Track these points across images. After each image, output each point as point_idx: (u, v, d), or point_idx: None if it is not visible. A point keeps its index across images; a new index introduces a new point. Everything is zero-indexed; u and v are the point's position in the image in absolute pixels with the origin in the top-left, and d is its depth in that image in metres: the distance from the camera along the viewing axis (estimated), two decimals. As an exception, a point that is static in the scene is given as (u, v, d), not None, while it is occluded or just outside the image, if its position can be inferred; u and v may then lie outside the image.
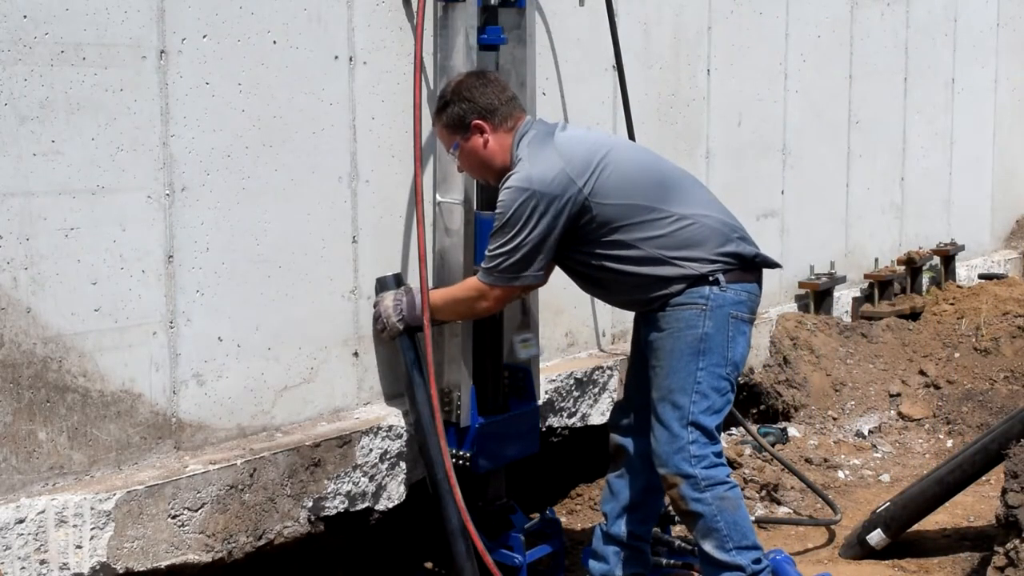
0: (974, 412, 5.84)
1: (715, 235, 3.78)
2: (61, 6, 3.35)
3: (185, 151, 3.66)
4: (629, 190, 3.73)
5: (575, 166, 3.68)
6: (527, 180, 3.65)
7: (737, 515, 3.71)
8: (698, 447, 3.70)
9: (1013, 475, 3.94)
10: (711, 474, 3.70)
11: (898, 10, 6.98)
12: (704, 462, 3.70)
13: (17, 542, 3.27)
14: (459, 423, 4.13)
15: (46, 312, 3.38)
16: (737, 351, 3.78)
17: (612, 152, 3.77)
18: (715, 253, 3.76)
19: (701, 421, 3.71)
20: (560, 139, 3.76)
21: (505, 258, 3.69)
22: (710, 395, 3.72)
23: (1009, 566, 3.83)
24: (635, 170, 3.79)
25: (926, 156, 7.36)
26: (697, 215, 3.78)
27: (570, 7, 4.81)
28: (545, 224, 3.64)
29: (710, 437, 3.72)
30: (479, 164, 3.87)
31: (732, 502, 3.71)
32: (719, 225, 3.82)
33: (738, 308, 3.77)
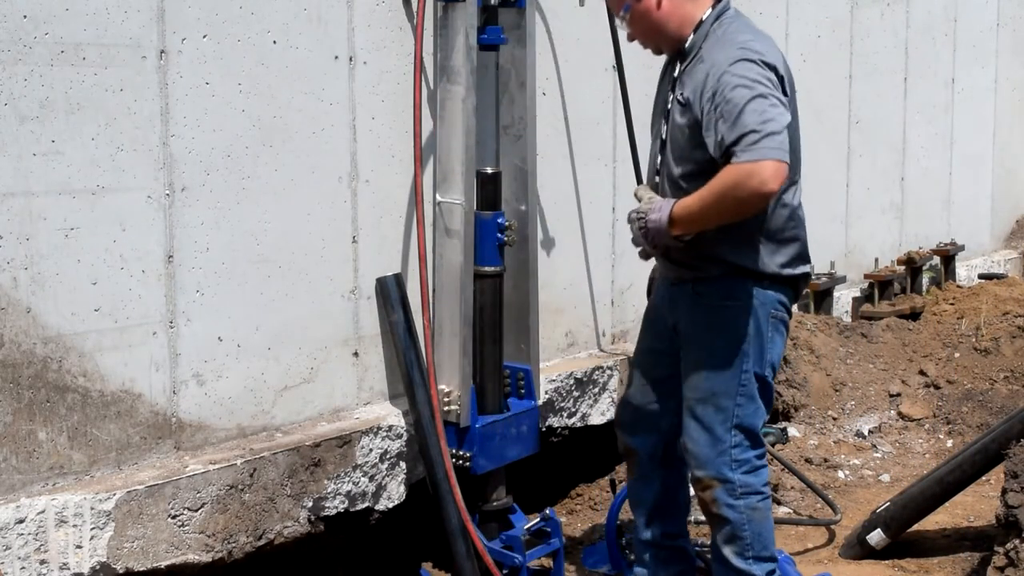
0: (974, 412, 5.84)
1: (801, 243, 3.65)
2: (61, 6, 3.35)
3: (185, 151, 3.66)
4: (795, 137, 3.52)
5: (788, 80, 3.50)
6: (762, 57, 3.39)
7: (764, 526, 3.61)
8: (741, 451, 3.56)
9: (1013, 475, 3.94)
10: (749, 481, 3.57)
11: (898, 10, 6.98)
12: (744, 467, 3.56)
13: (17, 542, 3.27)
14: (459, 423, 4.13)
15: (46, 312, 3.38)
16: (775, 352, 3.62)
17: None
18: (789, 259, 3.60)
19: (747, 424, 3.56)
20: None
21: (772, 125, 3.27)
22: (756, 397, 3.57)
23: (1009, 566, 3.83)
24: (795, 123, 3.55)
25: (926, 156, 7.36)
26: (800, 207, 3.66)
27: (570, 7, 4.81)
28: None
29: (754, 441, 3.58)
30: (650, 29, 3.58)
31: (762, 513, 3.60)
32: (805, 234, 3.69)
33: (778, 308, 3.60)
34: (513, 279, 4.36)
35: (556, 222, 4.94)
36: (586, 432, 5.07)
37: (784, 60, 3.57)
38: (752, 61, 3.38)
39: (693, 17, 3.58)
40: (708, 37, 3.54)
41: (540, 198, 4.72)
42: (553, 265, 4.92)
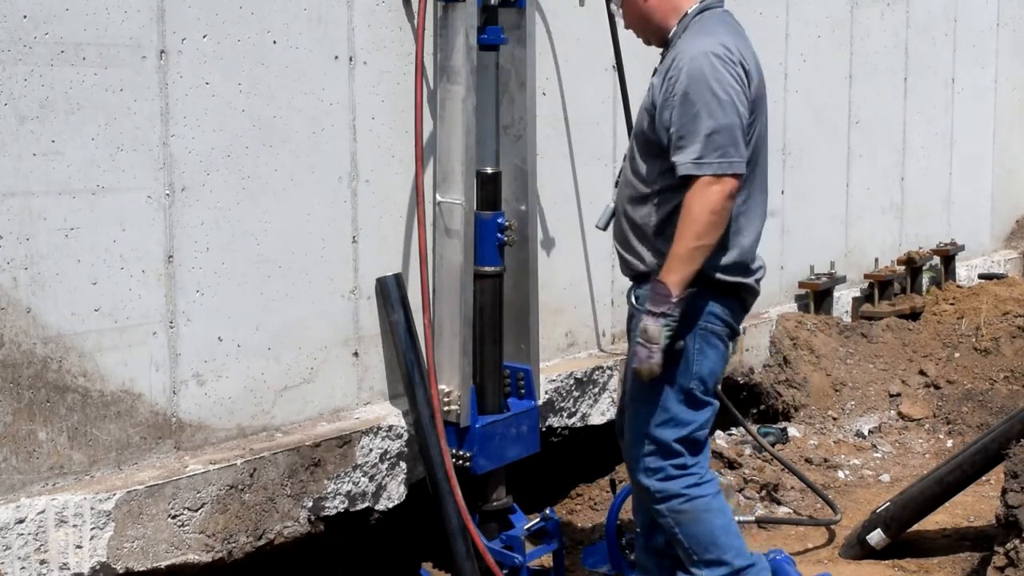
0: (974, 412, 5.84)
1: (740, 249, 3.50)
2: (61, 6, 3.35)
3: (185, 151, 3.66)
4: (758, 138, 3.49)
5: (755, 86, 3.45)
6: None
7: (697, 528, 3.52)
8: (653, 459, 3.52)
9: (1013, 475, 3.94)
10: (664, 487, 3.51)
11: (898, 10, 6.98)
12: (658, 475, 3.52)
13: (17, 542, 3.27)
14: (459, 423, 4.13)
15: (46, 312, 3.38)
16: (705, 365, 3.47)
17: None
18: (727, 264, 3.47)
19: (655, 435, 3.50)
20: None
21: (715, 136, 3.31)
22: (670, 409, 3.48)
23: (1009, 566, 3.82)
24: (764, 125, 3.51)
25: (926, 156, 7.36)
26: (745, 213, 3.51)
27: (570, 7, 4.81)
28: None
29: (665, 452, 3.50)
30: (639, 18, 3.60)
31: (690, 515, 3.50)
32: (756, 240, 3.57)
33: (711, 319, 3.47)
34: (513, 279, 4.36)
35: (556, 222, 4.94)
36: (586, 432, 5.07)
37: (756, 62, 3.52)
38: (717, 56, 3.37)
39: (679, 9, 3.55)
40: (688, 29, 3.51)
41: (540, 198, 4.72)
42: (553, 265, 4.92)
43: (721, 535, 3.54)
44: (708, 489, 3.56)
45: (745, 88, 3.39)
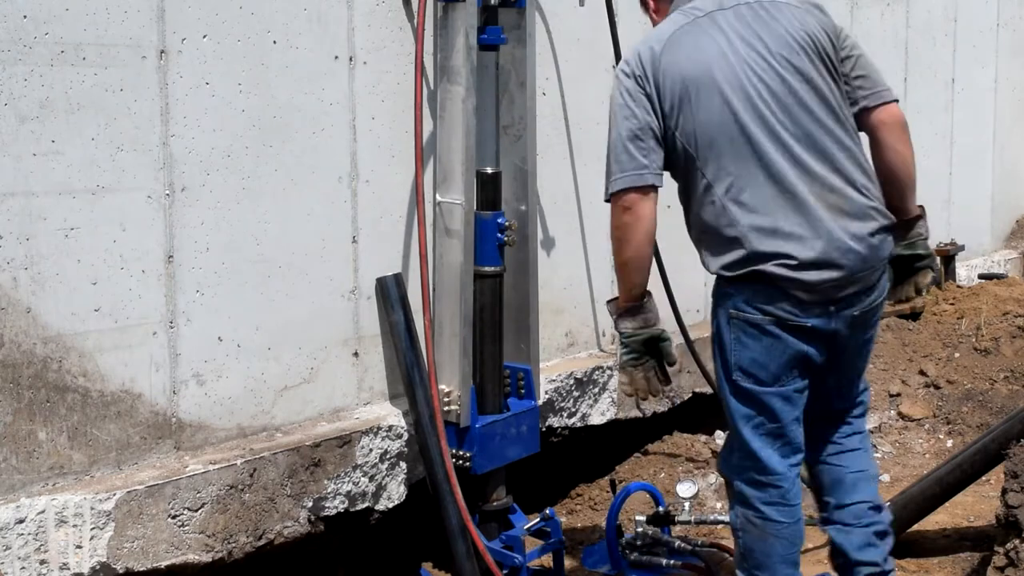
0: (974, 412, 5.84)
1: (767, 233, 3.38)
2: (61, 6, 3.35)
3: (185, 151, 3.66)
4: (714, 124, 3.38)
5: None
6: None
7: (757, 545, 3.45)
8: (738, 458, 3.46)
9: (1013, 475, 3.94)
10: (743, 490, 3.46)
11: (898, 10, 6.98)
12: (743, 475, 3.46)
13: (17, 542, 3.27)
14: (459, 423, 4.13)
15: (46, 312, 3.38)
16: (743, 356, 3.36)
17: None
18: (733, 260, 3.38)
19: (734, 426, 3.44)
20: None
21: (614, 153, 3.37)
22: (728, 402, 3.42)
23: (1009, 566, 3.82)
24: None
25: (926, 156, 7.34)
26: (737, 203, 3.40)
27: (570, 7, 4.81)
28: None
29: (743, 446, 3.43)
30: None
31: (756, 533, 3.45)
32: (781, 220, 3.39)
33: (740, 308, 3.35)
34: (513, 279, 4.36)
35: (556, 222, 4.94)
36: (586, 432, 5.07)
37: (665, 55, 3.34)
38: (614, 84, 3.39)
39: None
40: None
41: (540, 198, 4.72)
42: (553, 265, 4.92)
43: (777, 563, 3.49)
44: (789, 516, 3.47)
45: (642, 90, 3.33)
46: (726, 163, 3.31)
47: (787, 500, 3.48)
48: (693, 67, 3.33)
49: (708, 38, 3.35)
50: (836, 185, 3.32)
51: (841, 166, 3.33)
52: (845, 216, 3.31)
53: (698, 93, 3.31)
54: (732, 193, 3.31)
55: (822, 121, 3.34)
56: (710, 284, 5.42)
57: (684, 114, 3.32)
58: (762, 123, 3.30)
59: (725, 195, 3.32)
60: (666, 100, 3.32)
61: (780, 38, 3.35)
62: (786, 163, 3.30)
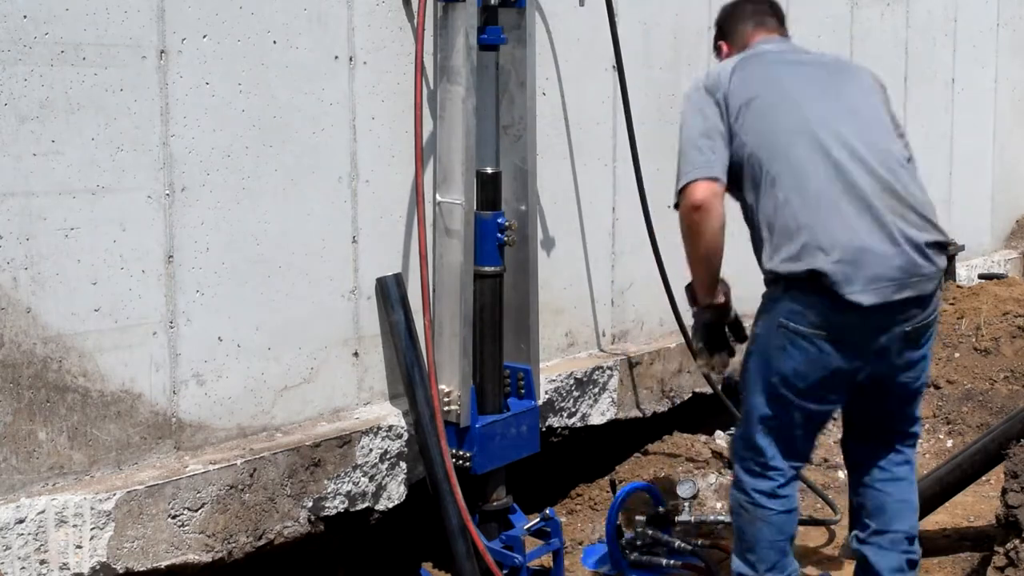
0: (974, 412, 5.84)
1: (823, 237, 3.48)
2: (61, 6, 3.35)
3: (185, 151, 3.66)
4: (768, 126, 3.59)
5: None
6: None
7: (747, 528, 3.60)
8: (743, 447, 3.62)
9: (1013, 475, 3.94)
10: (742, 478, 3.61)
11: (898, 10, 6.98)
12: (744, 462, 3.60)
13: (17, 542, 3.27)
14: (459, 423, 4.13)
15: (46, 312, 3.38)
16: (785, 364, 3.44)
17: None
18: (790, 255, 3.47)
19: (745, 420, 3.61)
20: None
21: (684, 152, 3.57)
22: (751, 400, 3.56)
23: (1009, 566, 3.82)
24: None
25: (926, 156, 7.33)
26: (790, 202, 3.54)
27: (570, 7, 4.81)
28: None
29: (748, 441, 3.57)
30: None
31: (748, 517, 3.60)
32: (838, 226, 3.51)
33: (789, 317, 3.43)
34: (513, 279, 4.37)
35: (556, 222, 4.94)
36: (586, 432, 5.07)
37: (738, 72, 3.60)
38: (687, 93, 3.65)
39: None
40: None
41: (540, 198, 4.72)
42: (553, 265, 4.92)
43: (765, 547, 3.60)
44: (779, 505, 3.59)
45: (712, 95, 3.55)
46: (794, 160, 3.44)
47: (778, 493, 3.60)
48: (764, 76, 3.61)
49: (780, 64, 3.68)
50: (899, 192, 3.47)
51: (903, 178, 3.51)
52: (905, 221, 3.44)
53: (769, 96, 3.54)
54: (795, 189, 3.43)
55: (886, 138, 3.57)
56: (710, 284, 5.31)
57: (754, 114, 3.50)
58: (830, 128, 3.48)
59: (790, 191, 3.43)
60: (735, 104, 3.51)
61: (850, 75, 3.72)
62: (852, 165, 3.44)
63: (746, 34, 3.85)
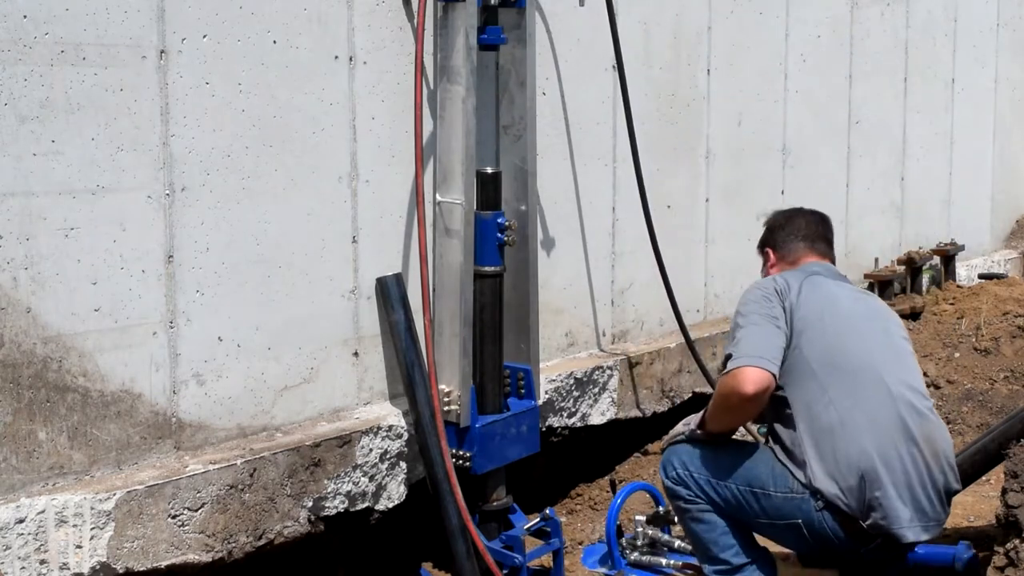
0: (974, 412, 5.84)
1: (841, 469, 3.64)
2: (61, 6, 3.35)
3: (185, 151, 3.66)
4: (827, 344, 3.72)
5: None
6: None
7: (695, 535, 3.73)
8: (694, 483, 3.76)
9: (1013, 475, 3.94)
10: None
11: (898, 10, 6.98)
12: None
13: (17, 542, 3.27)
14: (459, 423, 4.13)
15: (46, 312, 3.38)
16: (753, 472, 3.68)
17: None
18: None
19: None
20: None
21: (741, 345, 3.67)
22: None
23: (1009, 566, 3.82)
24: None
25: (926, 156, 7.36)
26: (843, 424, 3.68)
27: (570, 7, 4.81)
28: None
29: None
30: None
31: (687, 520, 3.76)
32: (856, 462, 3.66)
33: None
34: (513, 279, 4.37)
35: (556, 222, 4.94)
36: (586, 432, 5.07)
37: (806, 286, 3.72)
38: (753, 288, 3.76)
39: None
40: None
41: (540, 198, 4.72)
42: (553, 265, 4.92)
43: (720, 535, 3.67)
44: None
45: (778, 301, 3.66)
46: (843, 384, 3.59)
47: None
48: (826, 300, 3.71)
49: (839, 292, 3.78)
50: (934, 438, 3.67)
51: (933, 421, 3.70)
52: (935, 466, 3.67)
53: (834, 323, 3.66)
54: (820, 415, 3.58)
55: (914, 374, 3.76)
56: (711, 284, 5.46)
57: (818, 333, 3.62)
58: (876, 360, 3.64)
59: (840, 409, 3.57)
60: (800, 315, 3.63)
61: (887, 317, 3.92)
62: (897, 398, 3.61)
63: (798, 251, 3.95)
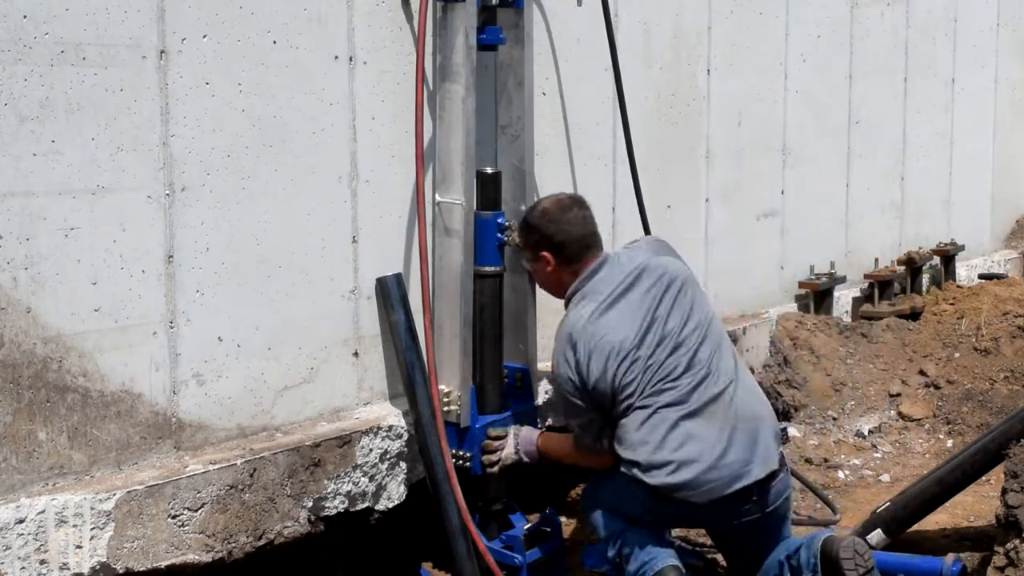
0: (974, 412, 5.84)
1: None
2: (61, 6, 3.35)
3: (185, 151, 3.66)
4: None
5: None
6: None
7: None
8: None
9: (1013, 475, 3.94)
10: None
11: (898, 10, 6.98)
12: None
13: (17, 542, 3.27)
14: (459, 423, 4.13)
15: (46, 312, 3.38)
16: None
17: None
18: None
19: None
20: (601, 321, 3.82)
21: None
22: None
23: (1009, 566, 3.82)
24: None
25: (926, 156, 7.35)
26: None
27: (570, 7, 4.81)
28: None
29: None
30: (542, 281, 4.12)
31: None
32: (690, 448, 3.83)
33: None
34: (512, 279, 4.36)
35: (556, 222, 4.93)
36: (586, 432, 5.06)
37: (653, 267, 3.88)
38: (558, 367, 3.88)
39: (566, 287, 4.00)
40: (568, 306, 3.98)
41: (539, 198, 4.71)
42: (553, 265, 4.91)
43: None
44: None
45: (578, 378, 3.80)
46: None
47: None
48: (636, 302, 3.85)
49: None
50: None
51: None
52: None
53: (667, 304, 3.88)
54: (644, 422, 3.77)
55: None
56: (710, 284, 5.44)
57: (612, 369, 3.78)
58: (671, 352, 3.82)
59: (637, 425, 3.77)
60: (586, 377, 3.82)
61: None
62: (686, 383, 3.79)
63: (582, 258, 3.98)
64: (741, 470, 3.69)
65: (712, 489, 3.67)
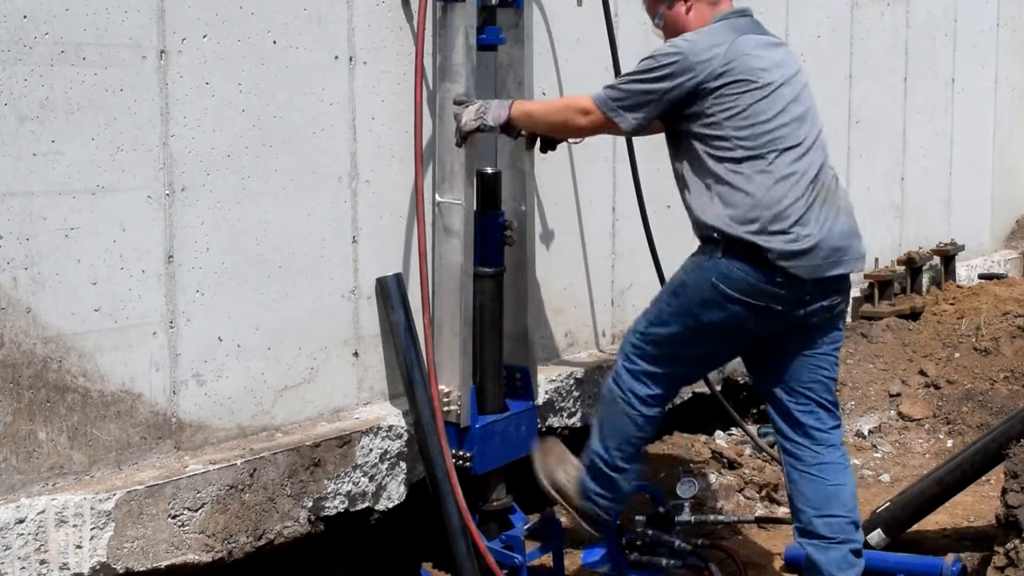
0: (974, 412, 5.84)
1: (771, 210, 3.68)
2: (61, 6, 3.35)
3: (185, 151, 3.66)
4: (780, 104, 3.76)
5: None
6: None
7: (613, 419, 3.86)
8: (638, 354, 3.80)
9: (1013, 475, 3.95)
10: (623, 377, 3.82)
11: (898, 10, 6.98)
12: (633, 364, 3.80)
13: (17, 542, 3.27)
14: (459, 423, 4.13)
15: (46, 312, 3.38)
16: (711, 315, 3.66)
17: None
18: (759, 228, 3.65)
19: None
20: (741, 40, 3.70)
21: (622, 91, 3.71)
22: (655, 308, 3.82)
23: (1009, 566, 3.83)
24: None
25: (926, 156, 7.36)
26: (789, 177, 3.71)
27: (569, 7, 4.81)
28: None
29: (652, 359, 3.78)
30: (677, 33, 3.84)
31: (616, 409, 3.85)
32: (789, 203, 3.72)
33: (721, 279, 3.62)
34: (512, 279, 4.36)
35: (556, 222, 4.94)
36: (586, 432, 5.06)
37: (737, 50, 3.68)
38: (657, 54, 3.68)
39: (707, 22, 3.77)
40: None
41: (539, 198, 4.72)
42: (552, 265, 4.92)
43: (624, 441, 3.85)
44: (648, 411, 3.82)
45: (664, 73, 3.62)
46: (774, 141, 3.64)
47: (651, 401, 3.82)
48: (730, 55, 3.66)
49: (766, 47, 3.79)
50: (835, 189, 3.85)
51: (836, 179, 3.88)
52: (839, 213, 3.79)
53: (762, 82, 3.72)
54: (785, 166, 3.64)
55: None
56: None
57: (739, 95, 3.64)
58: (801, 122, 3.74)
59: (776, 167, 3.63)
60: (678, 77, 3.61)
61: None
62: (814, 158, 3.73)
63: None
64: (842, 257, 3.68)
65: (819, 266, 3.62)
